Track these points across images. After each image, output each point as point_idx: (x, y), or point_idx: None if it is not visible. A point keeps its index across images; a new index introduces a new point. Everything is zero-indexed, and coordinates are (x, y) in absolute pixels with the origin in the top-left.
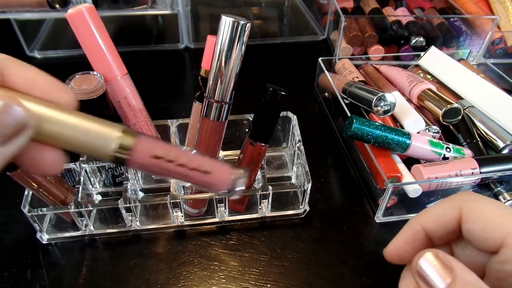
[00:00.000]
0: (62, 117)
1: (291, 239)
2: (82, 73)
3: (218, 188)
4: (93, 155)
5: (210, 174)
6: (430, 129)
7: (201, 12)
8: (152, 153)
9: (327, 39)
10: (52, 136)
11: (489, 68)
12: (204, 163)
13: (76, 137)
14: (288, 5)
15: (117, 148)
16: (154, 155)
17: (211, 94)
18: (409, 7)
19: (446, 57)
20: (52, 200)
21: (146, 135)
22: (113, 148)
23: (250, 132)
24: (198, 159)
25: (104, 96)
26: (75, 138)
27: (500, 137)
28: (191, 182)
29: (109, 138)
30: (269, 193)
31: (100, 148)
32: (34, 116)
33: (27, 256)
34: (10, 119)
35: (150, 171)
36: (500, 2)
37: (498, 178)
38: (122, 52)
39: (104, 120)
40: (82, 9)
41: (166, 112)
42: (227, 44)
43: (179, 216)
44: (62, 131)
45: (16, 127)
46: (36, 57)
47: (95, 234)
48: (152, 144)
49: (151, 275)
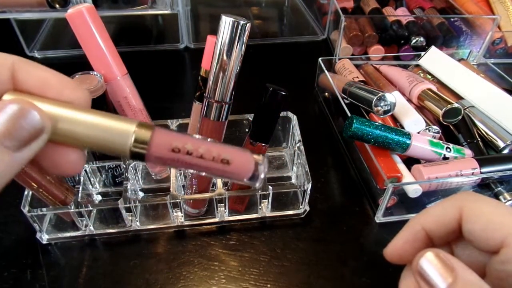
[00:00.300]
0: (77, 116)
1: (291, 239)
2: (82, 73)
3: (240, 177)
4: (111, 152)
5: (230, 165)
6: (430, 129)
7: (201, 12)
8: (170, 146)
9: (327, 39)
10: (69, 136)
11: (489, 68)
12: (223, 152)
13: (93, 135)
14: (288, 5)
15: (133, 142)
16: (172, 148)
17: (211, 94)
18: (409, 7)
19: (446, 57)
20: (52, 200)
21: (162, 128)
22: (130, 143)
23: (250, 132)
24: (217, 148)
25: (104, 96)
26: (92, 136)
27: (501, 137)
28: (211, 174)
29: (126, 134)
30: (269, 193)
31: (117, 145)
32: (50, 118)
33: (27, 256)
34: (26, 124)
35: (168, 164)
36: (501, 2)
37: (498, 178)
38: (122, 52)
39: (120, 116)
40: (82, 9)
41: (166, 112)
42: (227, 44)
43: (179, 216)
44: (78, 130)
45: (32, 132)
46: (36, 57)
47: (95, 234)
48: (169, 137)
49: (151, 275)
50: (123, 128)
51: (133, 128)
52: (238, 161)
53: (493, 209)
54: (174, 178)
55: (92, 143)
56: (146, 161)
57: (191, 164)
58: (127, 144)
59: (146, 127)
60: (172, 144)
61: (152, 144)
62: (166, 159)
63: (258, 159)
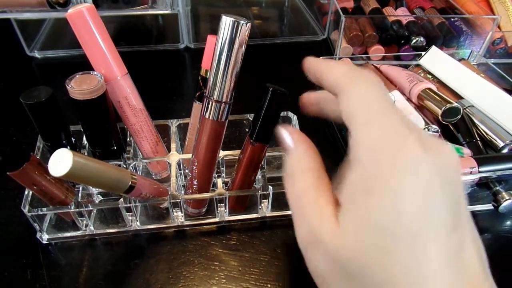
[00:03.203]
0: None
1: (292, 239)
2: (82, 73)
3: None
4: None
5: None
6: (429, 128)
7: (201, 12)
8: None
9: (327, 39)
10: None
11: (489, 68)
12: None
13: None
14: (288, 5)
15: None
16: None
17: (211, 94)
18: (410, 7)
19: (446, 57)
20: (52, 200)
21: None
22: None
23: (250, 132)
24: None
25: (104, 96)
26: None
27: (500, 137)
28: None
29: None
30: (269, 193)
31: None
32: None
33: (27, 256)
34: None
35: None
36: (501, 2)
37: (497, 177)
38: (122, 52)
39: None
40: (82, 9)
41: (167, 112)
42: (227, 44)
43: (179, 216)
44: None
45: None
46: (36, 57)
47: (95, 234)
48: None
49: (151, 275)
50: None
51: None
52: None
53: None
54: (174, 178)
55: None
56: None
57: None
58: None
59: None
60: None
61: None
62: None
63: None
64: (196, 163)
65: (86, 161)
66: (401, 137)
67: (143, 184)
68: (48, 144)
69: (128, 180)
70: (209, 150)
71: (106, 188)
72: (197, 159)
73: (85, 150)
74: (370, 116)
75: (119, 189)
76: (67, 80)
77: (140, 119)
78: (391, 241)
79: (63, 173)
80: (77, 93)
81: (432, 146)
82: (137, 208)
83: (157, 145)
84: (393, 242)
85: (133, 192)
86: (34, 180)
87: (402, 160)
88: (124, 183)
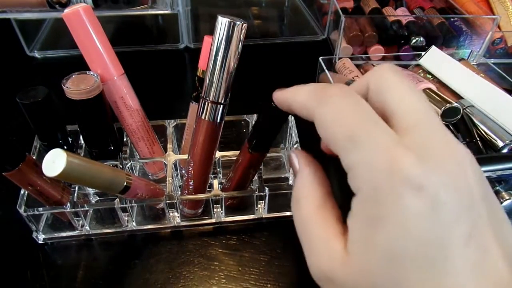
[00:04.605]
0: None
1: (291, 239)
2: (79, 73)
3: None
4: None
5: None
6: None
7: (201, 12)
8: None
9: (327, 39)
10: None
11: (489, 68)
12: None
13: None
14: (288, 5)
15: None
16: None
17: (207, 94)
18: (409, 7)
19: (446, 57)
20: (48, 200)
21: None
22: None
23: (250, 142)
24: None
25: (100, 96)
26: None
27: (500, 137)
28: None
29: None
30: (265, 194)
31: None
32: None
33: (26, 256)
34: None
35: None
36: (501, 2)
37: (496, 177)
38: (122, 52)
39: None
40: (78, 9)
41: (166, 112)
42: (223, 45)
43: (176, 216)
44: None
45: None
46: (36, 57)
47: (91, 234)
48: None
49: (151, 275)
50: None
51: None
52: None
53: None
54: (170, 178)
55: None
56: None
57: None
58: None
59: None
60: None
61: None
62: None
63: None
64: (192, 164)
65: (80, 162)
66: (389, 151)
67: (139, 185)
68: (45, 144)
69: (123, 181)
70: (205, 151)
71: (101, 189)
72: (193, 160)
73: (82, 150)
74: (350, 138)
75: (114, 189)
76: (63, 80)
77: (136, 119)
78: (403, 269)
79: (56, 173)
80: (73, 93)
81: (430, 150)
82: (133, 209)
83: (153, 145)
84: (405, 269)
85: (128, 193)
86: (30, 180)
87: (397, 179)
88: (119, 183)
